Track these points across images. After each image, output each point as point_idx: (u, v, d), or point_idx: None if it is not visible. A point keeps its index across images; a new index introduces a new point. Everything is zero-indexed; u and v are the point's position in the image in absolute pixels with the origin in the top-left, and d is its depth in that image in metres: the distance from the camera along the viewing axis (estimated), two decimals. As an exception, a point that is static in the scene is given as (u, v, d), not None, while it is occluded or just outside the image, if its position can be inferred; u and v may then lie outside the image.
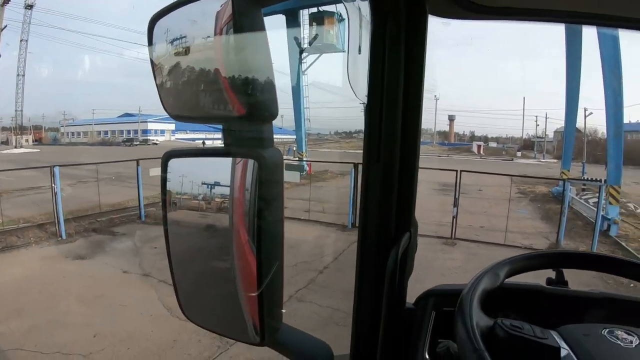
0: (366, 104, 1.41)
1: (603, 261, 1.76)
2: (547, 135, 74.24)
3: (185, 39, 1.20)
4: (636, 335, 1.37)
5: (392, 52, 1.36)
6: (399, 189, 1.48)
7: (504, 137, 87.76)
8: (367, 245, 1.52)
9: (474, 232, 16.32)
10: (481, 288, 1.50)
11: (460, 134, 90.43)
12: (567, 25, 2.84)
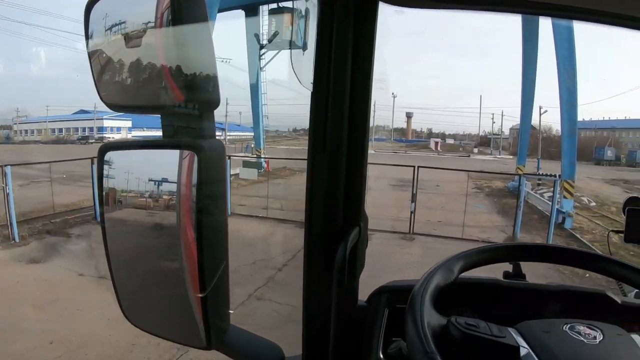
0: (312, 92, 1.37)
1: (559, 253, 1.73)
2: (503, 132, 75.79)
3: (124, 24, 1.13)
4: (599, 330, 1.34)
5: (339, 39, 1.33)
6: (347, 181, 1.44)
7: (462, 134, 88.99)
8: (313, 240, 1.47)
9: (432, 226, 16.52)
10: (433, 284, 1.43)
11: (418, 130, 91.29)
12: (524, 24, 2.78)
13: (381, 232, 15.28)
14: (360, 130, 1.43)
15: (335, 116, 1.37)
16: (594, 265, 1.65)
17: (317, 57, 1.34)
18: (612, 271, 1.62)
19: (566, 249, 1.73)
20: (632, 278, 1.58)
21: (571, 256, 1.71)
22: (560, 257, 1.72)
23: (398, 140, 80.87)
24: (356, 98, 1.39)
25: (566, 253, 1.72)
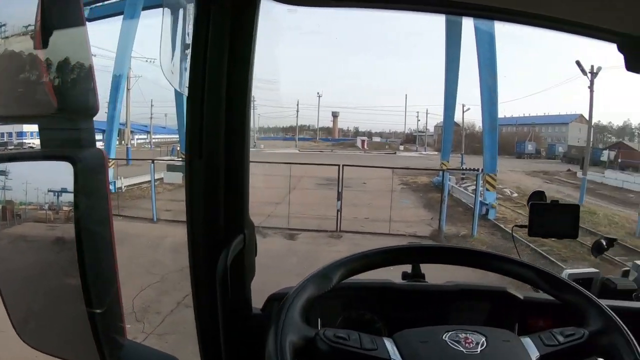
0: (187, 96, 1.35)
1: (443, 253, 1.72)
2: (428, 129, 77.57)
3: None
4: (483, 337, 1.31)
5: (215, 40, 1.31)
6: (227, 188, 1.42)
7: (388, 132, 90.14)
8: (196, 250, 1.46)
9: (359, 223, 16.60)
10: (305, 296, 1.40)
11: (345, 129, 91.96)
12: (448, 25, 2.80)
13: (308, 232, 15.32)
14: (239, 134, 1.41)
15: (212, 121, 1.34)
16: (481, 263, 1.63)
17: (192, 59, 1.32)
18: (499, 267, 1.60)
19: (451, 248, 1.75)
20: (518, 272, 1.58)
21: (455, 255, 1.70)
22: (444, 257, 1.69)
23: (324, 139, 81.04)
24: (234, 101, 1.37)
25: (450, 252, 1.71)
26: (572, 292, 1.50)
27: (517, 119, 75.93)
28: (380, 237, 14.81)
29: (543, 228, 2.14)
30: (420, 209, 20.57)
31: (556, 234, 2.20)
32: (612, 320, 1.36)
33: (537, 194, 2.22)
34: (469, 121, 55.31)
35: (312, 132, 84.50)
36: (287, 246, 13.78)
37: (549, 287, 1.53)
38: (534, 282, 1.56)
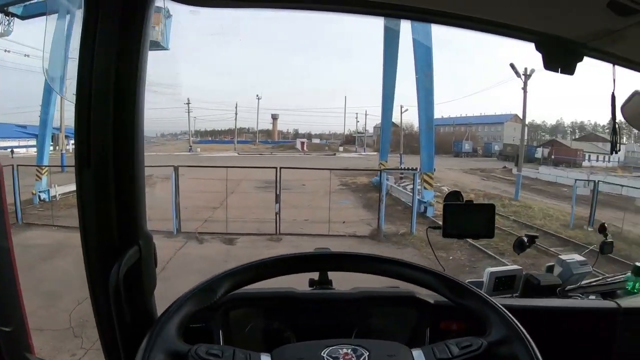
0: (75, 103, 1.27)
1: (339, 260, 1.65)
2: (367, 130, 78.69)
3: None
4: (366, 352, 1.30)
5: (103, 45, 1.24)
6: (119, 199, 1.36)
7: (327, 133, 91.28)
8: (91, 262, 1.38)
9: (298, 225, 16.54)
10: (185, 309, 1.36)
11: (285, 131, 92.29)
12: (386, 27, 2.82)
13: (247, 236, 15.19)
14: (132, 141, 1.34)
15: (100, 128, 1.27)
16: (379, 269, 1.58)
17: (80, 65, 1.25)
18: (397, 273, 1.56)
19: (344, 255, 1.63)
20: (417, 278, 1.55)
21: (349, 261, 1.62)
22: (337, 264, 1.64)
23: (264, 142, 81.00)
24: (125, 107, 1.30)
25: (344, 259, 1.63)
26: (473, 298, 1.46)
27: (454, 119, 78.38)
28: (319, 239, 14.86)
29: (457, 229, 2.12)
30: (360, 209, 20.70)
31: (471, 234, 2.18)
32: (513, 328, 1.35)
33: (453, 195, 2.20)
34: (408, 122, 56.45)
35: (252, 135, 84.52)
36: (225, 251, 13.57)
37: (450, 293, 1.49)
38: (434, 288, 1.52)
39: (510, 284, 2.49)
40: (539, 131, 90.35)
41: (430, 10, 1.59)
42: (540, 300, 2.30)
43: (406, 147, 45.91)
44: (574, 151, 58.25)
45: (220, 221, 16.35)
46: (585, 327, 2.05)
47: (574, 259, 2.68)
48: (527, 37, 1.76)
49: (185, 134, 74.63)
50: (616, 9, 1.40)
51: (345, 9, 1.56)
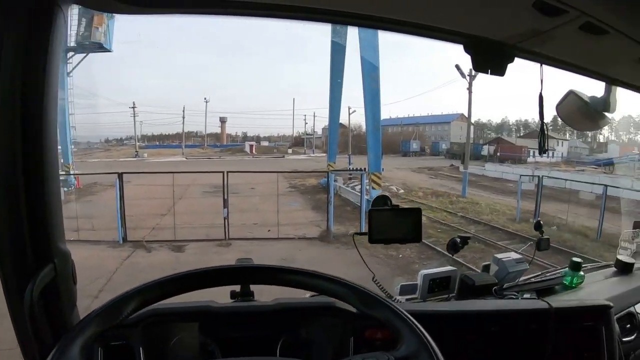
0: None
1: (248, 273, 1.61)
2: (315, 132, 78.89)
3: None
4: None
5: (8, 53, 1.17)
6: (30, 216, 1.28)
7: (276, 135, 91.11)
8: (6, 283, 1.31)
9: (247, 229, 16.42)
10: (90, 330, 1.27)
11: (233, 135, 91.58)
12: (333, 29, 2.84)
13: (196, 242, 14.97)
14: (43, 154, 1.27)
15: (5, 142, 1.20)
16: (288, 280, 1.54)
17: None
18: (308, 284, 1.54)
19: (254, 268, 1.59)
20: (330, 289, 1.52)
21: (257, 274, 1.59)
22: (247, 277, 1.64)
23: (212, 145, 79.90)
24: (34, 119, 1.23)
25: (254, 272, 1.60)
26: (384, 309, 1.43)
27: (402, 119, 79.34)
28: (269, 242, 14.82)
29: (384, 234, 2.07)
30: (309, 210, 20.74)
31: (398, 239, 2.10)
32: (423, 341, 1.32)
33: (381, 199, 2.16)
34: (357, 122, 56.77)
35: (200, 139, 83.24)
36: (174, 259, 13.32)
37: (360, 305, 1.47)
38: (344, 299, 1.50)
39: (445, 285, 2.48)
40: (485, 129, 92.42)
41: (359, 15, 1.59)
42: (471, 302, 2.32)
43: (355, 148, 46.20)
44: (519, 148, 59.68)
45: (169, 228, 16.09)
46: (516, 328, 2.05)
47: (510, 257, 2.68)
48: (455, 39, 1.78)
49: (131, 139, 72.67)
50: (542, 9, 1.42)
51: (281, 15, 1.56)
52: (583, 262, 2.83)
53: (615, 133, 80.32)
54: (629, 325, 2.56)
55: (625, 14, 1.51)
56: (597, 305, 2.20)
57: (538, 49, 1.84)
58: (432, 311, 1.99)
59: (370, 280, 2.40)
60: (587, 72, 2.33)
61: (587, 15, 1.47)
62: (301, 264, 1.54)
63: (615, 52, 1.91)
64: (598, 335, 2.12)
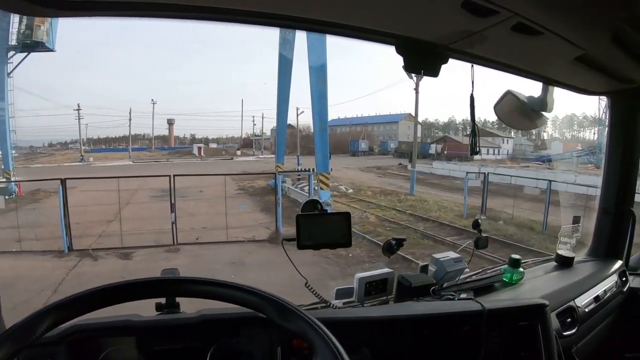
0: None
1: (163, 285, 1.58)
2: (264, 133, 78.41)
3: None
4: None
5: None
6: None
7: (225, 137, 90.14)
8: None
9: (196, 234, 16.22)
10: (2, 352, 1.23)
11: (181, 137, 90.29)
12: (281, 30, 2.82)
13: (144, 248, 14.65)
14: None
15: None
16: (202, 292, 1.53)
17: None
18: (222, 295, 1.52)
19: (169, 280, 1.57)
20: (244, 299, 1.51)
21: (172, 286, 1.58)
22: (160, 290, 1.58)
23: (160, 148, 78.31)
24: None
25: (168, 284, 1.57)
26: (298, 320, 1.43)
27: (350, 119, 79.95)
28: (218, 246, 14.68)
29: (313, 239, 2.06)
30: (258, 212, 20.68)
31: (327, 244, 2.10)
32: (335, 353, 1.32)
33: (311, 203, 2.15)
34: (306, 123, 56.74)
35: (148, 142, 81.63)
36: (122, 267, 13.02)
37: (277, 316, 1.47)
38: (261, 309, 1.50)
39: (382, 288, 2.46)
40: (432, 129, 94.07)
41: (291, 17, 1.60)
42: (407, 305, 2.31)
43: (304, 149, 46.23)
44: (466, 146, 60.46)
45: (116, 235, 15.66)
46: (450, 331, 2.05)
47: (448, 256, 2.67)
48: (388, 40, 1.80)
49: (77, 142, 69.59)
50: (472, 9, 1.46)
51: (214, 17, 1.54)
52: (522, 259, 2.85)
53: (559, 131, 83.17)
54: (569, 319, 2.60)
55: (558, 15, 1.56)
56: (532, 304, 2.22)
57: (472, 49, 1.86)
58: (363, 317, 1.98)
59: (317, 285, 2.39)
60: (523, 72, 2.41)
61: (518, 16, 1.50)
62: (251, 267, 1.51)
63: (551, 52, 1.98)
64: (534, 334, 2.13)
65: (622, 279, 3.25)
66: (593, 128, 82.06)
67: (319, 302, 2.30)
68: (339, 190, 27.42)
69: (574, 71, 2.36)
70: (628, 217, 3.34)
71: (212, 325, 1.76)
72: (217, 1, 1.43)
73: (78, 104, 66.88)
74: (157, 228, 16.30)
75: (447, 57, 1.92)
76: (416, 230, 16.86)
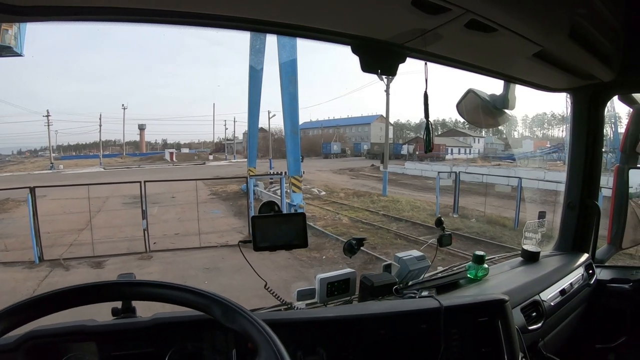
0: None
1: (107, 290, 1.55)
2: (236, 137, 78.10)
3: None
4: None
5: None
6: None
7: (197, 142, 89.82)
8: None
9: (169, 240, 16.08)
10: None
11: (153, 142, 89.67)
12: (252, 34, 2.79)
13: (117, 256, 14.43)
14: None
15: None
16: (148, 294, 1.53)
17: None
18: (169, 297, 1.51)
19: (112, 284, 1.54)
20: (192, 301, 1.51)
21: (114, 290, 1.55)
22: (105, 294, 1.55)
23: (131, 154, 77.22)
24: None
25: (111, 288, 1.54)
26: (243, 320, 1.44)
27: (322, 122, 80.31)
28: (191, 252, 14.56)
29: (268, 241, 2.08)
30: (231, 217, 20.54)
31: (284, 245, 2.11)
32: (276, 353, 1.33)
33: (267, 205, 2.15)
34: (278, 126, 56.74)
35: (119, 148, 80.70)
36: (94, 276, 12.53)
37: (223, 317, 1.47)
38: (209, 311, 1.49)
39: (345, 288, 2.45)
40: (404, 129, 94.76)
41: (247, 20, 1.61)
42: (367, 304, 2.31)
43: (277, 152, 46.24)
44: (437, 146, 61.18)
45: (87, 244, 15.39)
46: (409, 329, 2.03)
47: (411, 255, 2.68)
48: (343, 40, 1.81)
49: (46, 149, 68.68)
50: (423, 8, 1.47)
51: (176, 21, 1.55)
52: (487, 255, 2.87)
53: (530, 129, 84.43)
54: (535, 313, 2.62)
55: (512, 11, 1.58)
56: (491, 299, 2.22)
57: (427, 47, 1.87)
58: (322, 317, 1.97)
59: (293, 289, 2.40)
60: (482, 70, 2.43)
61: (471, 12, 1.52)
62: (225, 272, 1.49)
63: (508, 49, 1.99)
64: (494, 329, 2.12)
65: (589, 272, 3.30)
66: (562, 125, 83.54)
67: (281, 304, 2.30)
68: (312, 192, 27.46)
69: (533, 68, 2.39)
70: (593, 210, 3.41)
71: (167, 328, 1.75)
72: (175, 4, 1.44)
73: (47, 110, 65.69)
74: (130, 235, 16.14)
75: (405, 56, 1.94)
76: (389, 231, 16.94)
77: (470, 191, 24.28)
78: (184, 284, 1.52)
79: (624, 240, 3.49)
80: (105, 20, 1.47)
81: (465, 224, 18.31)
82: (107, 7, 1.40)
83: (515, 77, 2.72)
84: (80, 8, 1.39)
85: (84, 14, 1.42)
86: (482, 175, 28.66)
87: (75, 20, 1.44)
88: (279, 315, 1.91)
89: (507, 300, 2.20)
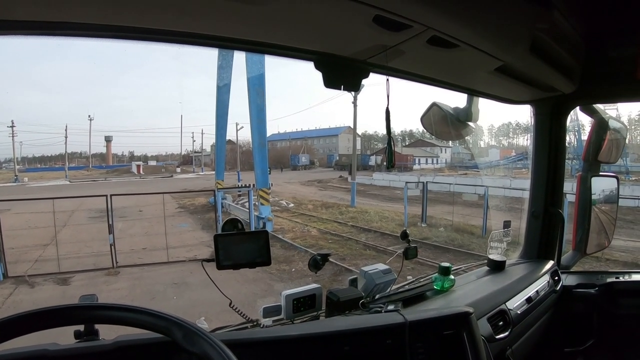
0: None
1: (56, 315, 1.46)
2: (204, 149, 77.57)
3: None
4: None
5: None
6: None
7: (164, 154, 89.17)
8: None
9: (137, 255, 15.87)
10: None
11: (120, 154, 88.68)
12: None
13: (83, 272, 14.16)
14: None
15: None
16: (105, 317, 1.48)
17: None
18: (126, 319, 1.47)
19: (63, 309, 1.44)
20: (151, 323, 1.48)
21: (71, 315, 1.47)
22: (57, 319, 1.45)
23: (98, 167, 76.13)
24: None
25: (61, 313, 1.45)
26: (203, 343, 1.41)
27: (290, 134, 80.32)
28: (159, 267, 14.41)
29: (232, 259, 2.06)
30: (199, 230, 20.35)
31: (247, 263, 2.08)
32: None
33: (230, 223, 2.13)
34: (246, 139, 56.55)
35: (85, 160, 79.54)
36: (60, 293, 12.44)
37: (183, 340, 1.44)
38: (169, 334, 1.47)
39: (311, 304, 2.42)
40: (372, 140, 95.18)
41: (214, 37, 1.61)
42: (333, 320, 2.30)
43: (245, 164, 46.05)
44: (405, 157, 61.81)
45: (53, 260, 15.06)
46: (374, 345, 2.00)
47: (377, 268, 2.67)
48: (307, 56, 1.83)
49: (10, 161, 67.67)
50: (384, 25, 1.48)
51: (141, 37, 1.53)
52: (453, 266, 2.86)
53: (496, 138, 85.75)
54: (501, 322, 2.62)
55: (473, 28, 1.61)
56: (456, 313, 2.21)
57: (390, 63, 1.88)
58: (287, 336, 1.93)
59: (263, 303, 2.37)
60: (445, 84, 2.45)
61: (432, 29, 1.54)
62: (194, 287, 1.45)
63: (470, 64, 2.02)
64: (460, 342, 2.12)
65: (555, 278, 3.36)
66: (527, 134, 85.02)
67: (247, 322, 2.28)
68: (280, 205, 27.46)
69: (495, 81, 2.42)
70: (556, 218, 3.47)
71: (129, 351, 1.69)
72: (143, 21, 1.43)
73: (12, 120, 64.30)
74: (96, 250, 15.88)
75: (368, 72, 1.96)
76: (358, 242, 17.02)
77: (438, 200, 24.52)
78: (143, 306, 1.50)
79: (589, 246, 3.55)
80: (72, 35, 1.47)
81: (434, 233, 18.50)
82: (75, 23, 1.39)
83: (478, 90, 2.77)
84: (47, 23, 1.37)
85: (51, 29, 1.41)
86: (450, 184, 28.97)
87: (41, 35, 1.45)
88: (242, 335, 1.87)
89: (472, 313, 2.21)
